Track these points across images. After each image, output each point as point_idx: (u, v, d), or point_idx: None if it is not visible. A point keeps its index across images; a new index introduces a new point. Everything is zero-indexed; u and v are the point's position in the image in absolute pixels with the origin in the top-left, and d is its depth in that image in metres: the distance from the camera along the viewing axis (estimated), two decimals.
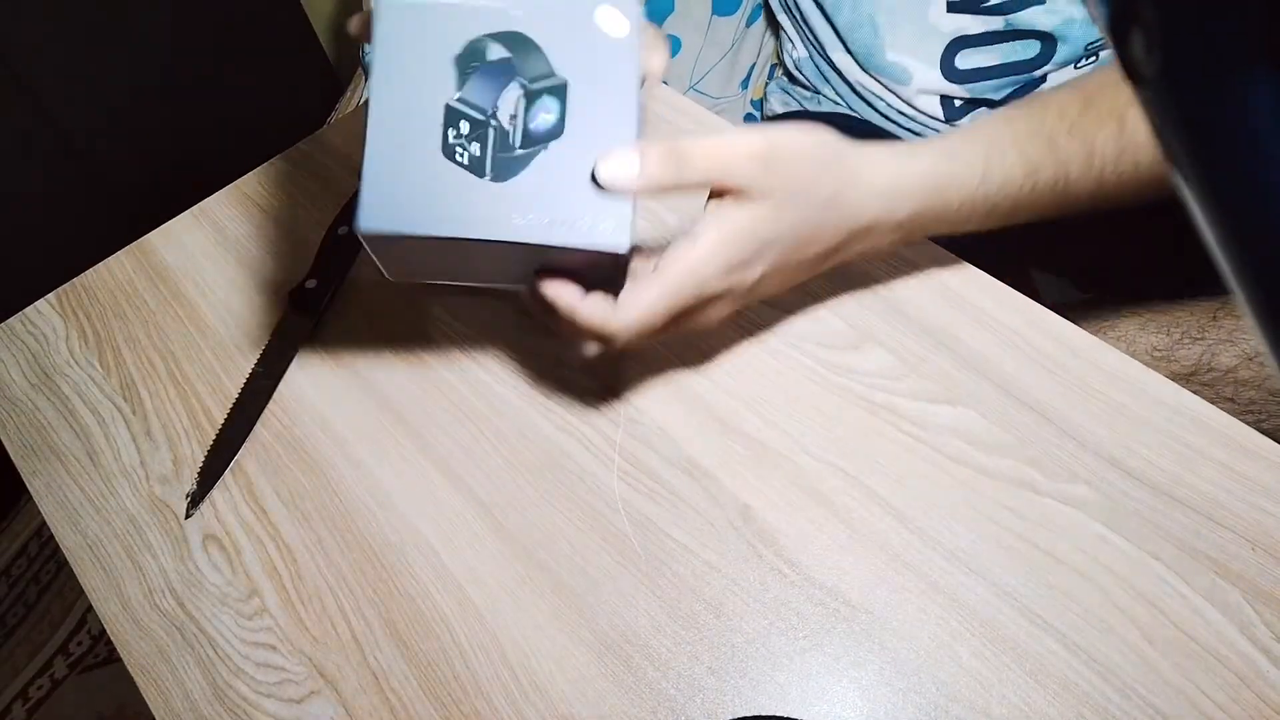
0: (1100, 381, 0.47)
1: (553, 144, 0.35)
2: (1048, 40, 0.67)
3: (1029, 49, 0.68)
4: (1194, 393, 0.46)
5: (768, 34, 0.89)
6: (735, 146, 0.36)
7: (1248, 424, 0.44)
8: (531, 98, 0.35)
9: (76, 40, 1.24)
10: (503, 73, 0.35)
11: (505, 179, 0.35)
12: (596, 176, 0.35)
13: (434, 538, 0.46)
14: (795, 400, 0.48)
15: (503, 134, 0.35)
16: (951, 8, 0.68)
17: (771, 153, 0.37)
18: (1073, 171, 0.42)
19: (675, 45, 0.83)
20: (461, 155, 0.35)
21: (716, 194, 0.38)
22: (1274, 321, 0.14)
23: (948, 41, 0.70)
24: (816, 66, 0.81)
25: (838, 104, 0.80)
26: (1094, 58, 0.68)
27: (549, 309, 0.39)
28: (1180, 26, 0.13)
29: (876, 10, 0.72)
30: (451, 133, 0.35)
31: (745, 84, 0.88)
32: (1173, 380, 0.46)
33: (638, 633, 0.42)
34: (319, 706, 0.43)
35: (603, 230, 0.35)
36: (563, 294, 0.38)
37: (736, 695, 0.41)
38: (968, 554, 0.43)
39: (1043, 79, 0.69)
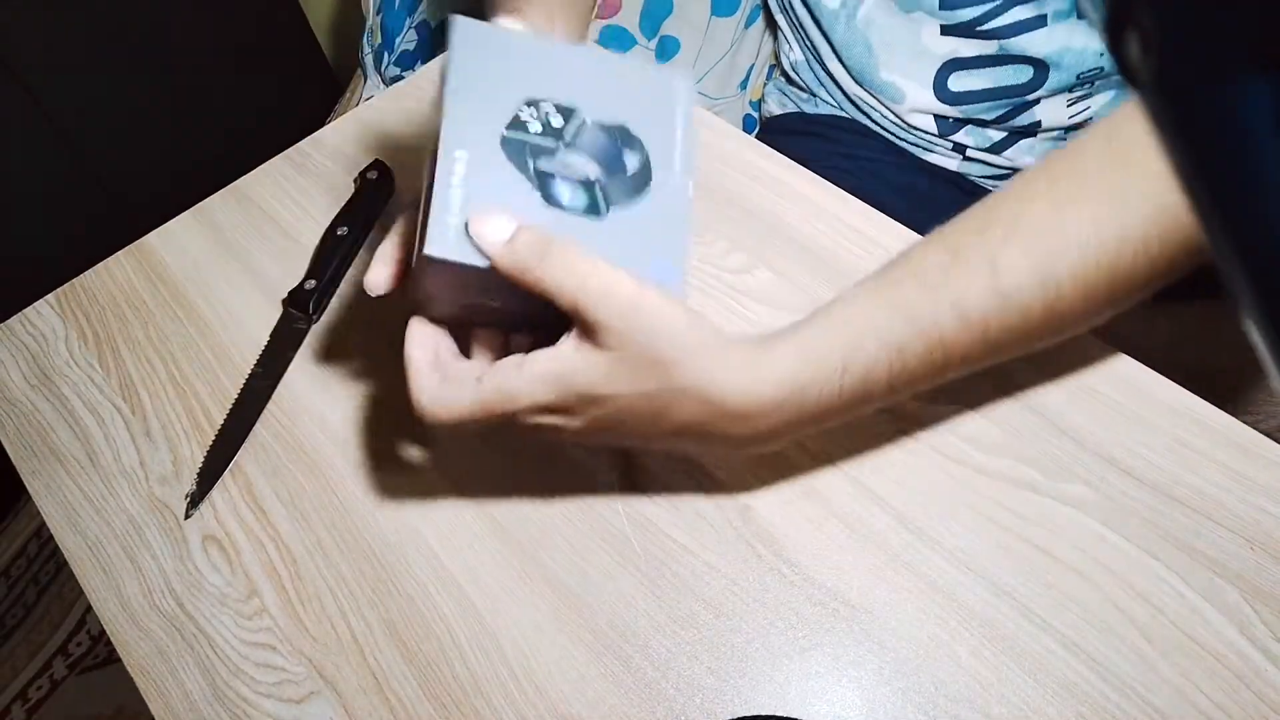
0: (1100, 381, 0.47)
1: (546, 208, 0.36)
2: (1040, 66, 0.67)
3: (1021, 74, 0.68)
4: (1193, 393, 0.46)
5: (766, 35, 0.89)
6: (608, 283, 0.34)
7: (1246, 424, 0.44)
8: (588, 188, 0.37)
9: (76, 40, 1.24)
10: (616, 159, 0.37)
11: (502, 159, 0.35)
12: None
13: (433, 538, 0.46)
14: None
15: (546, 153, 0.36)
16: (946, 30, 0.68)
17: (638, 311, 0.34)
18: (947, 336, 0.38)
19: (674, 47, 0.83)
20: (519, 118, 0.36)
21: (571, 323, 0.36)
22: (1273, 325, 0.14)
23: (940, 64, 0.70)
24: (813, 70, 0.81)
25: (834, 107, 0.80)
26: (1088, 85, 0.68)
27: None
28: (1177, 28, 0.13)
29: (869, 30, 0.72)
30: (545, 108, 0.36)
31: (744, 85, 0.88)
32: (1172, 380, 0.46)
33: (637, 633, 0.42)
34: (318, 707, 0.43)
35: (451, 245, 0.35)
36: (417, 349, 0.39)
37: (736, 695, 0.41)
38: (967, 553, 0.43)
39: (1035, 103, 0.70)
